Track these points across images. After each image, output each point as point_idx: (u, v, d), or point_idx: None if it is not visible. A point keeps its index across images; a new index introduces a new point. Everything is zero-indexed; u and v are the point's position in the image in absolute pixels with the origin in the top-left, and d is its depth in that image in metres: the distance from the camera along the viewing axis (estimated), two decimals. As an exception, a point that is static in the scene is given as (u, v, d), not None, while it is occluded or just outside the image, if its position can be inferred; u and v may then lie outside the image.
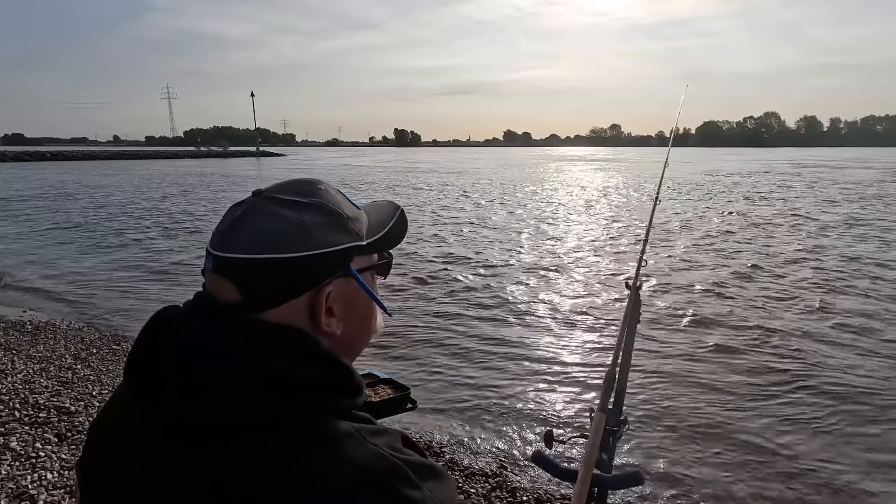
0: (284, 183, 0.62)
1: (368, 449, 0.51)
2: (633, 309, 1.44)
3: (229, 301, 0.55)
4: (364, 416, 0.56)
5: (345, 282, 0.59)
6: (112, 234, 11.50)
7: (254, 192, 0.60)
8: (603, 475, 1.05)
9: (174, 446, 0.51)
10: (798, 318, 5.70)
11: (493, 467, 3.08)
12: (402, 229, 0.70)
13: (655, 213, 1.94)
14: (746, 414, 3.76)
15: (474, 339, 5.22)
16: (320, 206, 0.59)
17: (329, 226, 0.58)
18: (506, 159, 69.25)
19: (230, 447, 0.49)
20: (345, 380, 0.56)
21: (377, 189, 23.94)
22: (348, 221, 0.60)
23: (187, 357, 0.52)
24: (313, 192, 0.60)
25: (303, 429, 0.50)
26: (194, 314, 0.56)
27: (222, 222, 0.58)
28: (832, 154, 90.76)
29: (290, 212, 0.57)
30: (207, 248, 0.58)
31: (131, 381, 0.55)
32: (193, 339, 0.53)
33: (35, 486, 2.68)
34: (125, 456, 0.54)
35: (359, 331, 0.64)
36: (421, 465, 0.53)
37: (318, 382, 0.53)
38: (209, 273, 0.57)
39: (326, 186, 0.63)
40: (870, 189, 21.14)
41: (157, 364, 0.53)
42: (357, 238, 0.60)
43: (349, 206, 0.63)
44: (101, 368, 4.33)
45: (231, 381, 0.51)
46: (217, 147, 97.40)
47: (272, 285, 0.55)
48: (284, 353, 0.53)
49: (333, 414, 0.53)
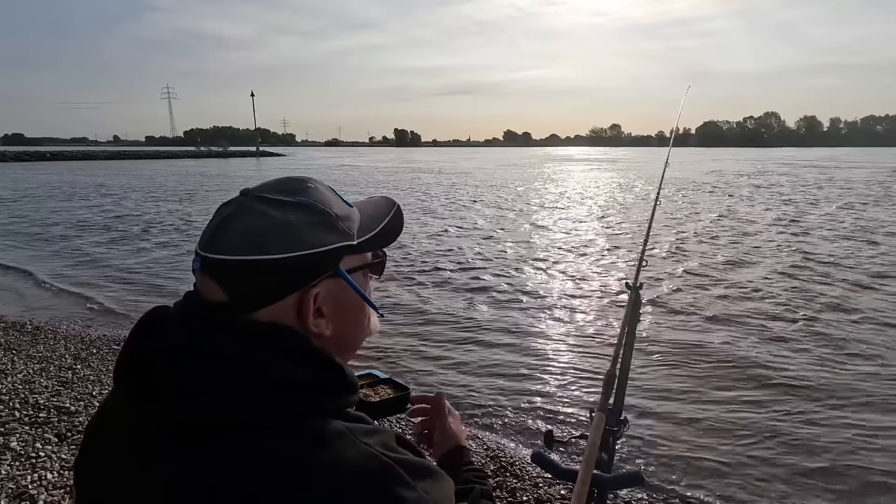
0: (273, 181, 0.61)
1: (361, 448, 0.50)
2: (633, 309, 1.45)
3: (217, 301, 0.54)
4: (358, 416, 0.56)
5: (334, 282, 0.59)
6: (112, 233, 11.50)
7: (242, 191, 0.59)
8: (603, 475, 1.05)
9: (172, 446, 0.51)
10: (799, 318, 5.69)
11: (493, 467, 3.08)
12: (397, 227, 0.68)
13: (656, 213, 1.94)
14: (747, 414, 3.75)
15: (474, 339, 5.21)
16: (308, 204, 0.58)
17: (316, 225, 0.57)
18: (506, 159, 69.24)
19: (227, 447, 0.49)
20: (337, 379, 0.55)
21: (375, 190, 23.93)
22: (337, 220, 0.59)
23: (180, 357, 0.52)
24: (301, 191, 0.59)
25: (297, 429, 0.50)
26: (185, 314, 0.56)
27: (211, 222, 0.58)
28: (833, 154, 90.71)
29: (277, 211, 0.56)
30: (196, 248, 0.57)
31: (125, 381, 0.55)
32: (185, 339, 0.53)
33: (35, 486, 2.68)
34: (122, 456, 0.54)
35: (351, 331, 0.63)
36: (415, 465, 0.52)
37: (310, 382, 0.53)
38: (198, 273, 0.56)
39: (316, 184, 0.62)
40: (875, 188, 21.14)
41: (150, 364, 0.52)
42: (346, 237, 0.59)
43: (339, 203, 0.62)
44: (101, 368, 4.33)
45: (224, 381, 0.50)
46: (217, 147, 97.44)
47: (258, 287, 0.54)
48: (275, 352, 0.52)
49: (327, 413, 0.53)
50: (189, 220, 13.61)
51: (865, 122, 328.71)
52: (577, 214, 14.67)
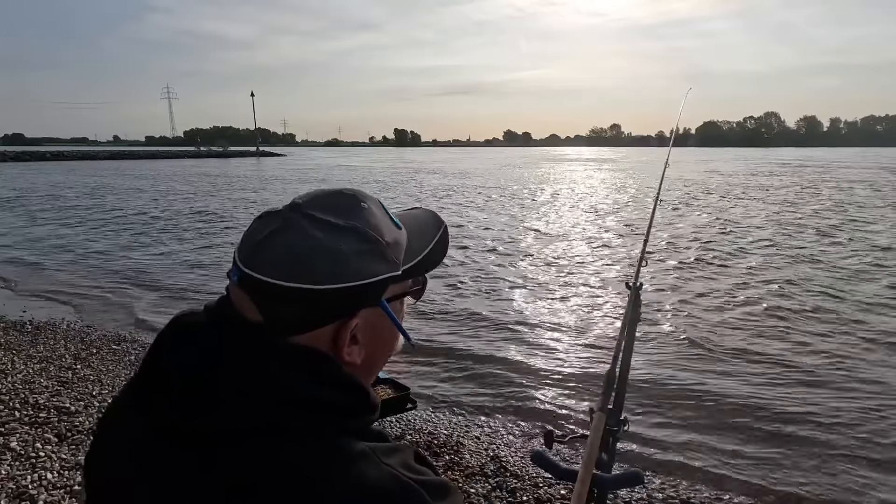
0: (324, 196, 0.58)
1: (383, 470, 0.50)
2: (633, 309, 1.44)
3: (251, 320, 0.53)
4: (378, 432, 0.56)
5: (373, 311, 0.57)
6: (113, 233, 11.50)
7: (292, 203, 0.56)
8: (603, 475, 1.05)
9: (188, 455, 0.50)
10: (800, 318, 5.69)
11: (493, 467, 3.08)
12: (442, 250, 0.66)
13: (656, 213, 1.94)
14: (747, 414, 3.75)
15: (474, 339, 5.22)
16: (359, 231, 0.55)
17: (366, 254, 0.54)
18: (505, 159, 69.23)
19: (245, 463, 0.49)
20: (362, 401, 0.55)
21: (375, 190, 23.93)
22: (387, 249, 0.56)
23: (205, 368, 0.51)
24: (353, 212, 0.56)
25: (321, 447, 0.50)
26: (215, 323, 0.54)
27: (253, 233, 0.55)
28: (833, 154, 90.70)
29: (327, 236, 0.53)
30: (235, 255, 0.55)
31: (147, 383, 0.54)
32: (213, 350, 0.52)
33: (35, 486, 2.68)
34: (136, 457, 0.54)
35: (379, 356, 0.62)
36: (434, 485, 0.53)
37: (337, 404, 0.53)
38: (234, 286, 0.54)
39: (368, 202, 0.59)
40: (873, 188, 21.14)
41: (175, 370, 0.52)
42: (393, 267, 0.57)
43: (389, 227, 0.59)
44: (101, 368, 4.32)
45: (249, 398, 0.50)
46: (216, 147, 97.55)
47: (297, 313, 0.52)
48: (305, 373, 0.52)
49: (350, 433, 0.53)
50: (195, 223, 13.61)
51: (865, 122, 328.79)
52: (577, 214, 14.66)
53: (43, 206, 16.60)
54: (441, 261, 0.66)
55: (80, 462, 2.91)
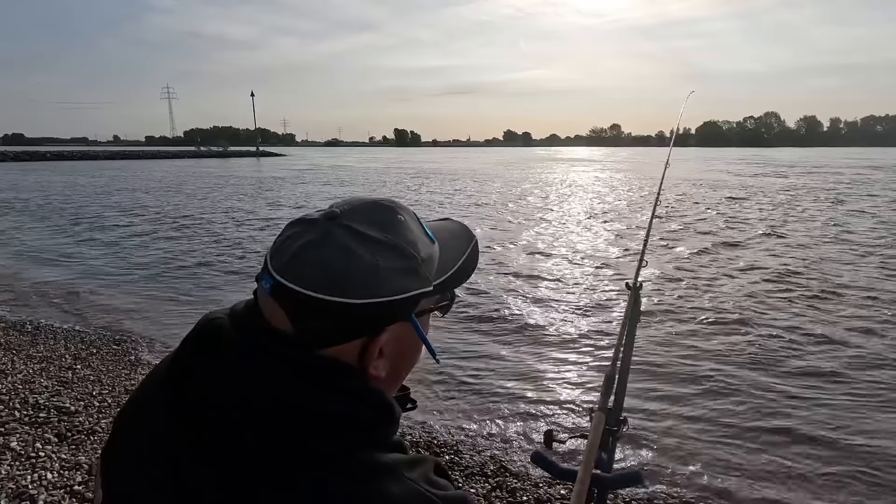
0: (361, 206, 0.57)
1: (406, 485, 0.51)
2: (633, 309, 1.45)
3: (282, 330, 0.52)
4: (398, 443, 0.56)
5: (402, 326, 0.57)
6: (113, 233, 11.50)
7: (329, 212, 0.55)
8: (603, 475, 1.05)
9: (208, 471, 0.50)
10: (800, 318, 5.69)
11: (493, 467, 3.08)
12: (472, 265, 0.66)
13: (656, 213, 1.94)
14: (747, 414, 3.75)
15: (474, 339, 5.22)
16: (398, 247, 0.55)
17: (402, 271, 0.54)
18: (506, 159, 69.21)
19: (269, 475, 0.49)
20: (387, 415, 0.55)
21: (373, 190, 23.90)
22: (421, 265, 0.56)
23: (231, 378, 0.51)
24: (392, 227, 0.56)
25: (344, 463, 0.50)
26: (243, 331, 0.54)
27: (288, 240, 0.54)
28: (834, 154, 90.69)
29: (366, 251, 0.53)
30: (267, 260, 0.54)
31: (170, 387, 0.54)
32: (239, 359, 0.52)
33: (35, 486, 2.68)
34: (154, 456, 0.53)
35: (403, 369, 0.62)
36: (455, 499, 0.53)
37: (363, 418, 0.53)
38: (264, 294, 0.54)
39: (404, 215, 0.59)
40: (873, 188, 21.14)
41: (200, 377, 0.52)
42: (426, 283, 0.57)
43: (424, 241, 0.59)
44: (101, 368, 4.33)
45: (275, 410, 0.50)
46: (216, 147, 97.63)
47: (329, 326, 0.52)
48: (332, 388, 0.52)
49: (373, 445, 0.53)
50: (195, 222, 13.61)
51: (865, 122, 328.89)
52: (576, 214, 14.66)
53: (43, 206, 16.61)
54: (469, 277, 0.65)
55: (80, 462, 2.92)
